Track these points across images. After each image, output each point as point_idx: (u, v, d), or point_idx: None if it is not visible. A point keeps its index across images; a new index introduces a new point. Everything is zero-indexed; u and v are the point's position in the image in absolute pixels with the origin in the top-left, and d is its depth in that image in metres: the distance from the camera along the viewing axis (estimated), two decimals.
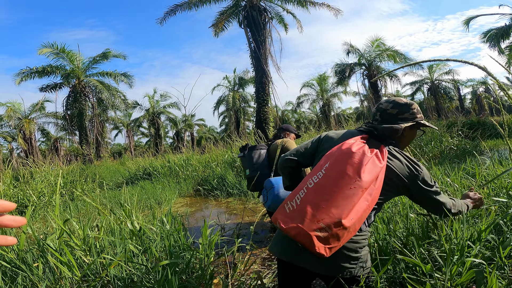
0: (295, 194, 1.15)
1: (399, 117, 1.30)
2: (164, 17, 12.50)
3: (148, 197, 5.25)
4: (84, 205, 4.69)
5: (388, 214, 2.12)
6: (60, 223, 1.45)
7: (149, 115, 27.29)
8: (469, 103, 37.66)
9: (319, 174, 1.12)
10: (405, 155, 1.26)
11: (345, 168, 1.09)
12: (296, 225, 1.05)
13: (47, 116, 23.78)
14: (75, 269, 1.26)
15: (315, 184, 1.11)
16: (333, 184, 1.08)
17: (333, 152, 1.17)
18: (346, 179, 1.07)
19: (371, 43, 18.12)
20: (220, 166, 6.99)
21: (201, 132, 37.57)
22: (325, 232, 1.03)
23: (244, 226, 3.48)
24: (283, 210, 1.14)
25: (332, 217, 1.03)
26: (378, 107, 1.37)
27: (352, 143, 1.16)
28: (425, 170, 1.25)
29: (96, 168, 9.69)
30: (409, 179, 1.22)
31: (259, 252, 2.59)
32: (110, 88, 17.26)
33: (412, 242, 1.67)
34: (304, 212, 1.06)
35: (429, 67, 25.06)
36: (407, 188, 1.23)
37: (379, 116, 1.33)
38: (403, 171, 1.21)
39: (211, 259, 1.94)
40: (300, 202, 1.10)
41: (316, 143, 1.38)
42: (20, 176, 5.63)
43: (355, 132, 1.32)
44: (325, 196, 1.06)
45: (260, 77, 11.73)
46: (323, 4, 12.27)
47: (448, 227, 1.58)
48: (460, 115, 17.39)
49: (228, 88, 26.20)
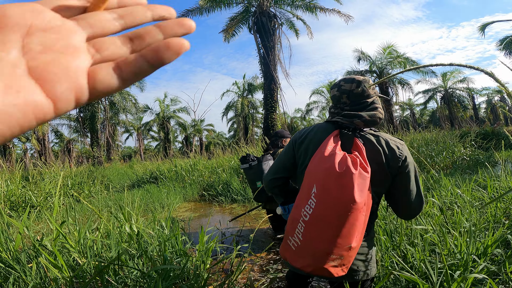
0: (293, 227, 1.11)
1: (365, 95, 1.24)
2: None
3: (152, 201, 5.27)
4: (88, 207, 4.74)
5: (392, 226, 2.05)
6: (56, 224, 1.45)
7: (159, 119, 27.67)
8: (483, 113, 36.78)
9: (311, 203, 1.08)
10: (382, 136, 1.22)
11: (336, 195, 1.04)
12: (308, 264, 1.07)
13: (61, 118, 24.39)
14: (64, 271, 1.26)
15: (311, 216, 1.07)
16: (330, 215, 1.05)
17: (317, 172, 1.10)
18: (342, 207, 1.03)
19: (383, 50, 17.94)
20: (226, 172, 6.98)
21: (210, 138, 37.82)
22: (338, 259, 1.05)
23: (245, 232, 3.44)
24: (289, 247, 1.13)
25: (341, 247, 1.04)
26: (341, 89, 1.27)
27: (332, 156, 1.09)
28: (407, 149, 1.22)
29: (105, 171, 9.83)
30: (392, 163, 1.17)
31: (257, 259, 2.54)
32: (122, 91, 17.61)
33: (412, 255, 1.60)
34: (312, 249, 1.07)
35: (443, 74, 24.64)
36: (388, 173, 1.17)
37: (346, 98, 1.26)
38: (384, 158, 1.17)
39: (207, 266, 1.90)
40: (303, 238, 1.08)
41: (292, 152, 1.32)
42: (30, 176, 5.75)
43: (326, 128, 1.26)
44: (327, 231, 1.05)
45: (269, 84, 11.75)
46: (333, 10, 12.25)
47: (452, 241, 1.51)
48: (474, 124, 16.97)
49: (237, 94, 26.37)
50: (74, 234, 1.59)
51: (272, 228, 3.33)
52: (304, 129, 1.34)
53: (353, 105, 1.24)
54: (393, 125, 16.67)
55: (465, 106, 26.40)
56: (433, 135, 7.98)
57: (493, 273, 1.43)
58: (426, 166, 5.71)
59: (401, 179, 1.18)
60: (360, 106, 1.23)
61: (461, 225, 1.87)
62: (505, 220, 2.09)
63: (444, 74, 24.58)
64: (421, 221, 1.94)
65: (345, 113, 1.23)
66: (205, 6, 12.11)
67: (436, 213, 2.13)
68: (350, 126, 1.20)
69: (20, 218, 4.12)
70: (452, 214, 2.28)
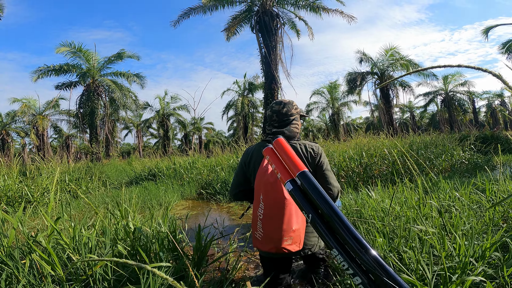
0: (255, 224, 1.59)
1: (289, 114, 1.75)
2: (178, 20, 12.68)
3: (150, 198, 5.25)
4: (85, 203, 4.71)
5: (390, 228, 2.03)
6: (51, 221, 1.43)
7: (159, 116, 27.61)
8: (483, 116, 36.79)
9: (262, 206, 1.55)
10: (301, 143, 1.73)
11: (273, 196, 1.52)
12: (271, 247, 1.54)
13: (60, 114, 24.33)
14: (57, 267, 1.24)
15: (264, 215, 1.54)
16: (274, 211, 1.52)
17: (261, 182, 1.57)
18: (280, 205, 1.51)
19: (385, 51, 17.90)
20: (225, 171, 6.96)
21: (209, 136, 37.77)
22: (290, 239, 1.53)
23: (242, 231, 3.42)
24: (256, 239, 1.60)
25: (287, 230, 1.51)
26: (272, 109, 1.78)
27: (266, 171, 1.57)
28: (321, 149, 1.75)
29: (103, 167, 9.79)
30: (312, 161, 1.69)
31: (254, 258, 2.53)
32: (123, 88, 17.55)
33: (409, 258, 1.59)
34: (270, 237, 1.53)
35: (444, 77, 24.61)
36: (310, 169, 1.64)
37: (276, 117, 1.75)
38: (306, 159, 1.68)
39: (204, 264, 1.89)
40: (263, 230, 1.55)
41: (243, 171, 1.81)
42: (28, 171, 5.72)
43: (263, 146, 1.65)
44: (275, 223, 1.51)
45: (270, 83, 11.72)
46: (336, 10, 12.22)
47: (451, 243, 1.50)
48: (473, 128, 16.97)
49: (238, 93, 26.31)
50: (69, 231, 1.57)
51: None
52: (248, 151, 1.83)
53: (280, 121, 1.73)
54: (392, 127, 16.64)
55: (465, 109, 26.38)
56: (432, 138, 7.97)
57: (490, 277, 1.42)
58: (424, 168, 5.70)
59: (320, 169, 1.70)
60: (284, 123, 1.73)
61: (459, 227, 1.86)
62: (502, 224, 2.08)
63: (446, 77, 24.56)
64: (419, 223, 1.92)
65: (274, 130, 1.72)
66: (208, 5, 12.06)
67: (434, 215, 2.12)
68: None
69: (16, 213, 4.10)
70: (450, 217, 2.26)
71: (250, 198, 1.84)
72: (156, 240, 1.64)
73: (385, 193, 3.14)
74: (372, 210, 2.59)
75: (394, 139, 8.37)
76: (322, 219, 1.19)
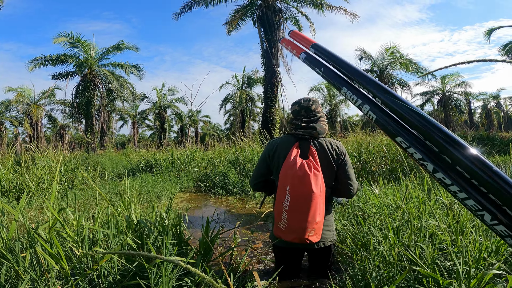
0: (279, 215, 1.65)
1: (316, 111, 1.84)
2: (179, 12, 12.47)
3: (148, 190, 5.17)
4: (82, 194, 4.62)
5: (400, 222, 2.00)
6: (54, 212, 1.36)
7: (156, 108, 27.33)
8: (478, 117, 37.14)
9: (288, 197, 1.61)
10: (326, 140, 1.81)
11: (302, 190, 1.59)
12: (294, 237, 1.62)
13: (55, 103, 23.96)
14: (63, 262, 1.17)
15: (289, 206, 1.61)
16: (300, 204, 1.59)
17: (287, 174, 1.64)
18: (307, 197, 1.58)
19: (386, 50, 17.89)
20: (223, 164, 6.90)
21: (206, 129, 37.58)
22: (312, 231, 1.61)
23: (243, 225, 3.38)
24: (279, 229, 1.67)
25: (311, 222, 1.60)
26: (300, 105, 1.84)
27: (295, 165, 1.63)
28: (344, 147, 1.85)
29: (98, 158, 9.65)
30: (336, 159, 1.77)
31: (257, 253, 2.49)
32: (120, 79, 17.32)
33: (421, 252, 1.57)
34: (295, 228, 1.61)
35: (442, 77, 24.70)
36: (334, 166, 1.76)
37: (304, 112, 1.82)
38: (331, 156, 1.76)
39: (209, 258, 1.84)
40: (288, 221, 1.62)
41: (267, 162, 1.87)
42: (22, 160, 5.58)
43: (289, 140, 1.80)
44: (301, 215, 1.59)
45: (270, 77, 11.61)
46: (339, 8, 12.11)
47: (465, 238, 1.47)
48: (468, 129, 17.11)
49: (236, 87, 26.14)
50: (73, 223, 1.50)
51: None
52: (273, 143, 1.88)
53: (308, 117, 1.81)
54: None
55: (461, 110, 26.57)
56: None
57: (505, 271, 1.41)
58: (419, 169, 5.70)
59: (343, 167, 1.79)
60: (312, 118, 1.80)
61: (465, 224, 1.85)
62: None
63: (444, 77, 24.66)
64: (429, 218, 1.91)
65: (304, 125, 1.77)
66: None
67: (439, 212, 2.10)
68: (308, 136, 1.77)
69: (11, 203, 3.99)
70: (454, 214, 2.25)
71: (268, 190, 1.96)
72: (165, 233, 1.58)
73: (387, 190, 3.12)
74: (375, 207, 2.58)
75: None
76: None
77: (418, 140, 0.91)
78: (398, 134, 0.94)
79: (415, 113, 0.91)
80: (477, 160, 0.79)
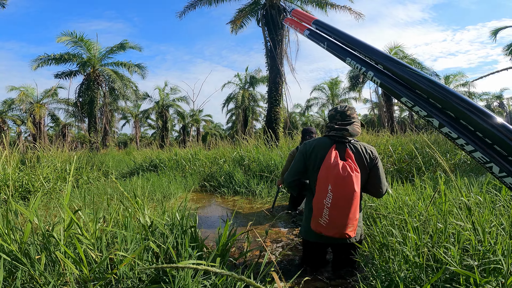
0: (320, 212, 1.80)
1: (352, 116, 1.98)
2: (183, 11, 12.40)
3: (154, 190, 5.12)
4: (88, 194, 4.57)
5: (420, 223, 1.95)
6: (71, 213, 1.31)
7: (158, 107, 27.30)
8: None
9: (329, 196, 1.76)
10: (361, 144, 1.96)
11: (345, 189, 1.74)
12: (335, 232, 1.79)
13: (58, 102, 23.98)
14: (83, 266, 1.12)
15: (331, 204, 1.76)
16: (343, 202, 1.74)
17: (329, 176, 1.77)
18: (350, 196, 1.74)
19: (390, 50, 17.79)
20: (228, 163, 6.84)
21: (207, 128, 37.54)
22: (352, 227, 1.78)
23: (253, 225, 3.33)
24: (320, 224, 1.82)
25: (352, 218, 1.77)
26: (336, 110, 2.01)
27: (337, 165, 1.77)
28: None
29: (101, 157, 9.60)
30: (370, 162, 1.92)
31: (274, 257, 2.43)
32: (123, 78, 17.31)
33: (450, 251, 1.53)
34: (336, 224, 1.77)
35: (446, 77, 24.59)
36: (367, 169, 1.92)
37: (339, 116, 1.97)
38: (365, 159, 1.91)
39: (226, 260, 1.79)
40: (329, 217, 1.77)
41: (303, 161, 2.00)
42: (27, 160, 5.54)
43: (326, 141, 1.95)
44: (343, 212, 1.75)
45: (274, 77, 11.54)
46: (344, 7, 12.01)
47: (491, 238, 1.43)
48: None
49: (239, 86, 26.06)
50: (89, 225, 1.45)
51: (290, 204, 4.04)
52: (310, 143, 2.01)
53: (342, 120, 1.95)
54: (393, 125, 16.61)
55: None
56: (432, 137, 7.90)
57: None
58: (430, 167, 5.66)
59: (375, 170, 1.94)
60: (346, 122, 1.94)
61: (486, 224, 1.81)
62: None
63: (447, 76, 24.55)
64: (452, 219, 1.87)
65: (337, 127, 1.92)
66: None
67: (456, 212, 2.06)
68: (340, 136, 1.91)
69: (18, 204, 3.95)
70: (471, 214, 2.20)
71: (299, 189, 2.08)
72: (185, 235, 1.53)
73: (400, 190, 3.07)
74: (391, 207, 2.54)
75: (399, 137, 8.32)
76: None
77: (422, 98, 0.98)
78: (402, 95, 1.02)
79: (416, 74, 1.00)
80: (479, 111, 0.84)
